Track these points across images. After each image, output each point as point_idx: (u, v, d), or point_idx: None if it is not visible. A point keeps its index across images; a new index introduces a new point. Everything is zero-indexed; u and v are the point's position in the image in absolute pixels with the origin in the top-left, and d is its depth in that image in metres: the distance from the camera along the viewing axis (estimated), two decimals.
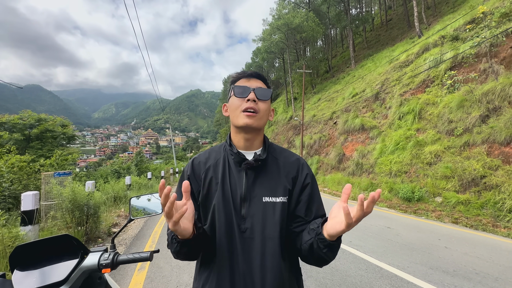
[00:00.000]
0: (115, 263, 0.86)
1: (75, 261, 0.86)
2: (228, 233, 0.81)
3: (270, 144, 0.95)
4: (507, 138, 6.82)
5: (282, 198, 0.84)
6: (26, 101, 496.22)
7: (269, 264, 0.78)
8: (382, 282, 2.82)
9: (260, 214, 0.81)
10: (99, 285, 0.89)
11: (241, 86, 0.87)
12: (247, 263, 0.79)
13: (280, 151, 0.95)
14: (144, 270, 3.16)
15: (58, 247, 0.88)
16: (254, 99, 0.85)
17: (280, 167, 0.89)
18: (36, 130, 10.92)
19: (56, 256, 0.87)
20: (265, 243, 0.80)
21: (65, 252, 0.88)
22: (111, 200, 7.01)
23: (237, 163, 0.87)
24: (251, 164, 0.84)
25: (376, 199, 0.59)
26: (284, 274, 0.80)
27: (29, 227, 3.40)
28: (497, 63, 8.73)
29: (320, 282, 2.83)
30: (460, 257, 3.58)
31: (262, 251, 0.79)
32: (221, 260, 0.80)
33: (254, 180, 0.85)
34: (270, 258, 0.79)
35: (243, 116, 0.84)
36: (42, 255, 0.86)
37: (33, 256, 0.85)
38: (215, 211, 0.83)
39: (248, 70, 0.94)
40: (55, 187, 4.18)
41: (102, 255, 0.86)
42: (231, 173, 0.87)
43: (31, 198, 3.45)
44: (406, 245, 4.09)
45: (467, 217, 6.03)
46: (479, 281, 2.85)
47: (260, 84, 0.90)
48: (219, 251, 0.81)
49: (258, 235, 0.80)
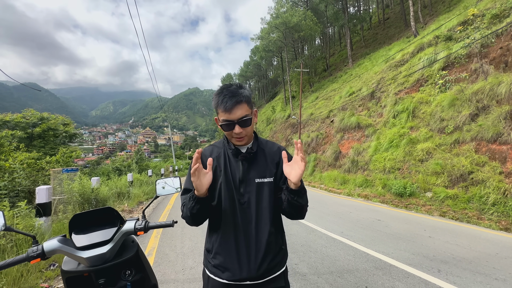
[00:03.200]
0: (147, 227, 1.15)
1: (116, 227, 1.14)
2: (231, 205, 1.11)
3: (259, 138, 1.23)
4: (494, 135, 7.15)
5: (269, 178, 1.13)
6: (22, 99, 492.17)
7: (261, 225, 1.10)
8: (367, 265, 3.13)
9: (254, 191, 1.12)
10: (133, 246, 1.18)
11: (225, 123, 1.06)
12: (245, 225, 1.10)
13: (265, 143, 1.24)
14: (151, 257, 3.45)
15: (102, 217, 1.17)
16: (240, 131, 1.06)
17: (266, 155, 1.18)
18: (38, 129, 11.14)
19: (102, 223, 1.15)
20: (258, 211, 1.10)
21: (108, 221, 1.17)
22: (115, 196, 7.27)
23: (234, 155, 1.15)
24: (245, 155, 1.14)
25: (299, 146, 0.97)
26: (271, 230, 1.11)
27: (44, 218, 3.67)
28: (487, 64, 9.04)
29: (312, 265, 3.13)
30: (441, 244, 3.89)
31: (256, 216, 1.10)
32: (227, 224, 1.11)
33: (248, 167, 1.14)
34: (262, 221, 1.10)
35: (235, 140, 1.12)
36: (91, 223, 1.14)
37: (84, 222, 1.13)
38: (221, 190, 1.13)
39: (228, 86, 1.08)
40: (65, 181, 4.44)
41: (137, 222, 1.15)
42: (231, 163, 1.15)
43: (45, 191, 3.72)
44: (393, 235, 4.41)
45: (454, 211, 6.36)
46: (454, 264, 3.16)
47: (240, 112, 1.04)
48: (225, 218, 1.11)
49: (253, 206, 1.10)
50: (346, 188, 10.65)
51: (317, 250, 3.64)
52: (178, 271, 3.02)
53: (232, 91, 1.06)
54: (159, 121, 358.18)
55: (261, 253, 1.07)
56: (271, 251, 1.09)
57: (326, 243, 3.98)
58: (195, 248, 3.75)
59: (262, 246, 1.07)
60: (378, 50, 23.33)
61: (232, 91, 1.06)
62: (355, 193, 9.63)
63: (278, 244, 1.14)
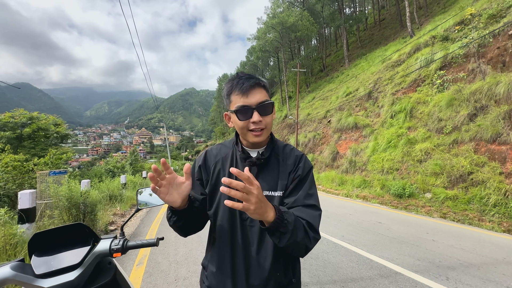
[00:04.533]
0: (125, 248, 0.95)
1: (88, 247, 0.95)
2: (231, 220, 0.90)
3: (276, 141, 0.99)
4: (493, 135, 7.08)
5: (279, 192, 0.90)
6: (15, 100, 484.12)
7: (266, 248, 0.87)
8: (372, 272, 2.97)
9: None
10: (109, 269, 0.98)
11: (242, 108, 0.85)
12: (246, 246, 0.88)
13: (283, 147, 0.99)
14: (142, 265, 3.24)
15: (71, 234, 0.97)
16: (259, 119, 0.85)
17: (280, 164, 0.94)
18: (28, 129, 10.76)
19: (70, 243, 0.95)
20: (263, 231, 0.85)
21: (78, 239, 0.97)
22: (107, 199, 7.01)
23: (243, 159, 0.94)
24: (253, 161, 0.91)
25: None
26: (277, 257, 0.87)
27: (26, 225, 3.43)
28: (484, 63, 9.01)
29: (313, 273, 2.95)
30: (446, 249, 3.75)
31: (260, 237, 0.88)
32: (224, 243, 0.90)
33: (256, 175, 0.91)
34: (267, 244, 0.87)
35: (251, 135, 0.88)
36: (57, 242, 0.94)
37: (49, 242, 0.93)
38: (221, 200, 0.92)
39: (242, 72, 0.91)
40: (51, 185, 4.20)
41: (113, 241, 0.95)
42: (237, 167, 0.93)
43: (29, 196, 3.48)
44: (396, 238, 4.26)
45: (454, 212, 6.26)
46: (462, 270, 3.02)
47: (260, 97, 0.86)
48: (222, 235, 0.91)
49: (257, 224, 0.87)
50: (344, 189, 10.52)
51: (318, 256, 3.47)
52: (171, 282, 2.81)
53: (248, 75, 0.89)
54: (155, 121, 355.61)
55: (262, 284, 0.86)
56: (276, 283, 0.87)
57: (327, 248, 3.81)
58: (189, 256, 3.54)
59: (264, 275, 0.86)
60: (374, 51, 23.36)
61: (249, 75, 0.89)
62: (354, 194, 9.50)
63: (288, 277, 0.91)
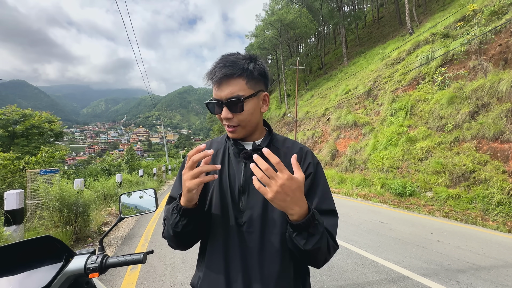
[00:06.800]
0: (104, 266, 0.78)
1: (59, 265, 0.77)
2: (224, 227, 0.75)
3: (274, 134, 0.87)
4: (496, 133, 6.98)
5: None
6: (10, 97, 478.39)
7: (268, 260, 0.72)
8: (378, 277, 2.83)
9: (260, 207, 0.75)
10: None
11: (211, 102, 0.75)
12: (244, 257, 0.73)
13: (283, 141, 0.87)
14: (136, 270, 3.07)
15: (40, 250, 0.79)
16: (227, 117, 0.73)
17: (281, 157, 0.79)
18: (21, 127, 10.48)
19: (38, 260, 0.78)
20: (265, 239, 0.73)
21: (48, 255, 0.80)
22: (101, 198, 6.81)
23: (236, 154, 0.81)
24: (249, 153, 0.78)
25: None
26: (284, 270, 0.72)
27: (13, 227, 3.24)
28: (486, 61, 8.91)
29: (317, 278, 2.80)
30: (453, 250, 3.63)
31: (262, 246, 0.73)
32: (216, 253, 0.75)
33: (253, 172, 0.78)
34: (269, 254, 0.72)
35: (227, 130, 0.79)
36: (22, 259, 0.77)
37: (12, 260, 0.76)
38: (212, 202, 0.78)
39: (226, 56, 0.76)
40: (41, 185, 4.00)
41: (90, 258, 0.78)
42: (230, 164, 0.81)
43: (15, 196, 3.28)
44: (400, 239, 4.13)
45: (457, 211, 6.16)
46: (472, 274, 2.89)
47: (231, 90, 0.72)
48: (214, 243, 0.76)
49: (257, 229, 0.74)
50: (344, 187, 10.41)
51: None
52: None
53: (229, 60, 0.73)
54: (152, 119, 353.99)
55: None
56: None
57: None
58: (186, 259, 3.38)
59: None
60: (373, 49, 23.23)
61: (229, 60, 0.73)
62: (354, 193, 9.39)
63: None
